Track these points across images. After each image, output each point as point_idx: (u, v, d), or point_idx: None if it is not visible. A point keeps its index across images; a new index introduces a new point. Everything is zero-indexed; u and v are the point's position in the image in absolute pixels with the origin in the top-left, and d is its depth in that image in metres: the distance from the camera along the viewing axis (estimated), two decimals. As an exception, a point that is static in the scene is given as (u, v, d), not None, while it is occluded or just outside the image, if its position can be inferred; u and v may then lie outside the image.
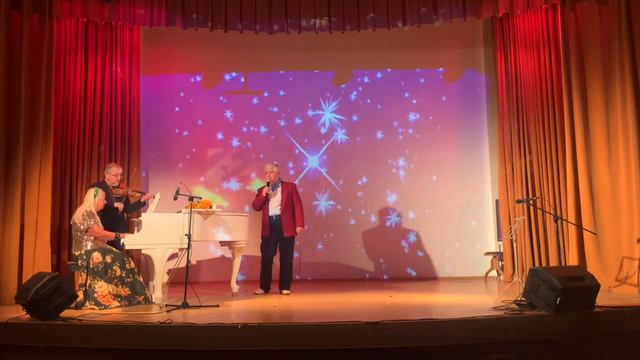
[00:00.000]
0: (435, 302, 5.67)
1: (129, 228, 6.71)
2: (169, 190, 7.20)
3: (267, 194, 6.52)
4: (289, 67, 8.71)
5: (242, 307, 5.41)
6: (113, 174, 6.32)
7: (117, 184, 6.34)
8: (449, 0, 6.97)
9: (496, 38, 8.01)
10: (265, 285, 6.57)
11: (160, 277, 5.52)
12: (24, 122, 5.91)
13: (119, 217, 6.31)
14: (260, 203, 6.58)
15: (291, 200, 6.59)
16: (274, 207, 6.54)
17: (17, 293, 5.00)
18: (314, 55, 8.66)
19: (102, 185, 6.10)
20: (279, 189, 6.60)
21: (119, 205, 6.21)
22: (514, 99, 7.60)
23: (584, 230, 6.04)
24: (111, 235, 5.55)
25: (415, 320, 4.09)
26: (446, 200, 8.51)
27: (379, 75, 8.73)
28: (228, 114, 8.62)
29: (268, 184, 6.55)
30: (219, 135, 8.59)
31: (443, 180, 8.55)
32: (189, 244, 5.34)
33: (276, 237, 6.52)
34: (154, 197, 6.26)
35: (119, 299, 5.31)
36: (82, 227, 5.40)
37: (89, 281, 5.27)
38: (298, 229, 6.55)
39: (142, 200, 6.45)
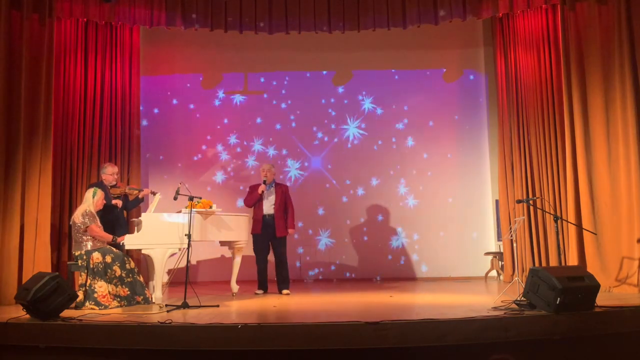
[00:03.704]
0: (435, 302, 5.67)
1: (129, 228, 6.71)
2: (169, 190, 7.21)
3: (262, 192, 6.56)
4: (289, 67, 8.71)
5: (242, 307, 5.41)
6: (109, 173, 6.31)
7: (114, 182, 6.33)
8: (449, 0, 6.97)
9: (496, 38, 8.01)
10: (263, 285, 6.60)
11: (160, 277, 5.52)
12: (24, 122, 5.92)
13: (119, 216, 6.31)
14: (255, 200, 6.62)
15: (284, 202, 6.66)
16: (268, 207, 6.60)
17: (17, 293, 5.01)
18: (314, 55, 8.66)
19: (99, 185, 6.09)
20: (273, 189, 6.67)
21: (118, 202, 6.20)
22: (514, 99, 7.60)
23: (584, 230, 6.04)
24: (108, 237, 5.54)
25: (415, 320, 4.09)
26: (446, 200, 8.51)
27: (378, 75, 8.72)
28: (228, 114, 8.62)
29: (264, 182, 6.59)
30: (219, 136, 8.58)
31: (443, 180, 8.55)
32: (189, 244, 5.35)
33: (268, 236, 6.56)
34: (152, 194, 6.25)
35: (118, 299, 5.32)
36: (81, 226, 5.40)
37: (89, 281, 5.28)
38: (290, 230, 6.64)
39: (140, 196, 6.44)
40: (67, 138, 7.03)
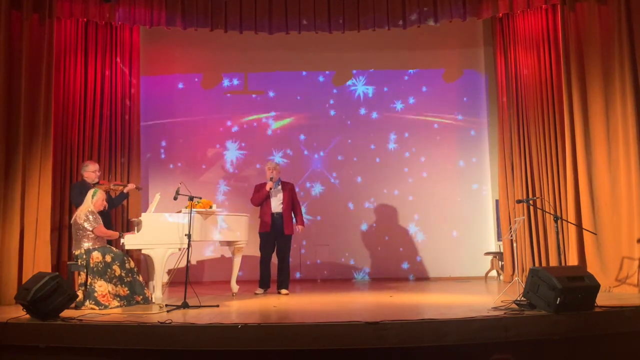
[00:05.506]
0: (435, 302, 5.67)
1: (129, 228, 6.71)
2: (169, 190, 7.20)
3: (270, 189, 6.56)
4: (289, 67, 8.71)
5: (242, 307, 5.41)
6: (91, 170, 6.27)
7: (97, 180, 6.28)
8: (449, 0, 6.97)
9: (496, 38, 8.01)
10: (265, 283, 6.59)
11: (160, 277, 5.52)
12: (24, 122, 5.91)
13: (110, 216, 6.30)
14: (262, 199, 6.60)
15: (292, 200, 6.65)
16: (277, 205, 6.59)
17: (17, 293, 5.01)
18: (314, 55, 8.65)
19: (82, 184, 6.08)
20: (280, 187, 6.66)
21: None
22: (514, 99, 7.60)
23: (584, 230, 6.04)
24: (115, 234, 5.60)
25: (415, 320, 4.10)
26: (446, 200, 8.51)
27: (378, 75, 8.72)
28: (228, 114, 8.62)
29: (271, 179, 6.58)
30: (219, 135, 8.58)
31: (443, 180, 8.54)
32: (189, 244, 5.35)
33: (275, 235, 6.56)
34: (138, 189, 6.21)
35: (118, 299, 5.32)
36: (89, 228, 5.40)
37: (89, 280, 5.28)
38: (300, 227, 6.67)
39: (125, 191, 6.41)
40: (67, 138, 7.02)
